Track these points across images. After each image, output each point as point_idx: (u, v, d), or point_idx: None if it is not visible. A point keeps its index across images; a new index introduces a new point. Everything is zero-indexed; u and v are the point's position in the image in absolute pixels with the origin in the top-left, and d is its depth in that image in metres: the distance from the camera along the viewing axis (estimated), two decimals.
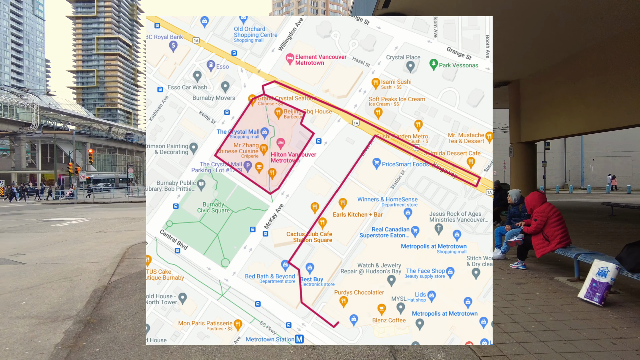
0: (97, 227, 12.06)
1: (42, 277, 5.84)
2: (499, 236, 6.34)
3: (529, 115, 12.99)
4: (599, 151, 33.32)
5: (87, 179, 48.59)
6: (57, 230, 11.47)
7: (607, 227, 9.72)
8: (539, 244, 5.18)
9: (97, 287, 5.13)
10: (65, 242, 9.20)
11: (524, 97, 13.25)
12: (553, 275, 5.11)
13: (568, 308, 3.85)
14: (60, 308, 4.42)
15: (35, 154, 62.44)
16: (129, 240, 9.03)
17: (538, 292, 4.38)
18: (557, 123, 11.56)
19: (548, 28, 8.48)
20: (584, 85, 10.09)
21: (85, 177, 33.39)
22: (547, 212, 5.11)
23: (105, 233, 10.68)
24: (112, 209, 20.04)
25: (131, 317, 3.95)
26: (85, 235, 10.22)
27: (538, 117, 12.52)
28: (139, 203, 24.81)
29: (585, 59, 9.99)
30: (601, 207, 14.66)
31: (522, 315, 3.65)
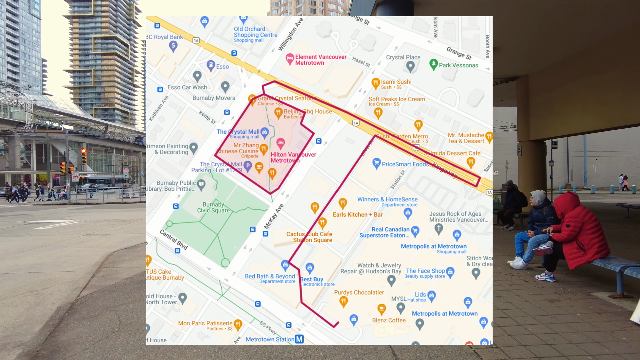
0: (83, 230, 11.61)
1: (5, 289, 5.30)
2: (520, 243, 5.69)
3: (539, 112, 12.40)
4: (602, 151, 33.20)
5: (83, 179, 48.47)
6: (40, 234, 10.98)
7: (629, 231, 9.14)
8: (573, 254, 4.56)
9: (62, 304, 4.50)
10: (45, 247, 8.71)
11: (534, 92, 12.66)
12: (590, 290, 4.48)
13: (623, 336, 3.22)
14: (13, 331, 3.80)
15: (30, 154, 62.25)
16: (114, 245, 8.65)
17: (579, 313, 3.76)
18: (570, 120, 10.97)
19: (562, 18, 7.89)
20: (601, 79, 9.46)
21: (79, 177, 33.02)
22: (581, 217, 4.50)
23: (91, 237, 10.26)
24: (104, 211, 19.61)
25: (91, 347, 3.27)
26: (68, 240, 9.78)
27: (549, 113, 11.90)
28: (132, 204, 24.43)
29: (602, 51, 9.34)
30: (615, 208, 14.03)
31: (570, 347, 3.02)
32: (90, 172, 64.44)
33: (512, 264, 5.61)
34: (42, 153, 63.01)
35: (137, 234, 10.68)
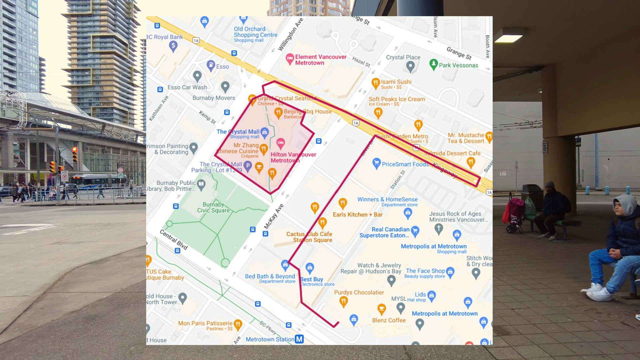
0: (57, 237, 10.53)
1: None
2: (598, 265, 4.44)
3: (569, 105, 11.32)
4: (614, 150, 32.59)
5: (78, 178, 48.54)
6: (4, 241, 9.87)
7: None
8: None
9: None
10: (0, 258, 7.60)
11: (562, 83, 11.57)
12: None
13: None
14: None
15: (24, 153, 62.33)
16: (82, 257, 7.59)
17: None
18: (610, 112, 9.81)
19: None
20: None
21: (68, 176, 32.56)
22: None
23: (60, 245, 9.10)
24: (90, 213, 18.59)
25: None
26: (32, 249, 8.69)
27: (581, 106, 10.79)
28: (124, 205, 23.44)
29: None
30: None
31: None
32: (86, 171, 64.62)
33: (591, 293, 4.35)
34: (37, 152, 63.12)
35: (115, 241, 9.69)
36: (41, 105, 63.74)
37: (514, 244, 7.92)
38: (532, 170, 30.10)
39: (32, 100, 61.22)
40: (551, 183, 8.63)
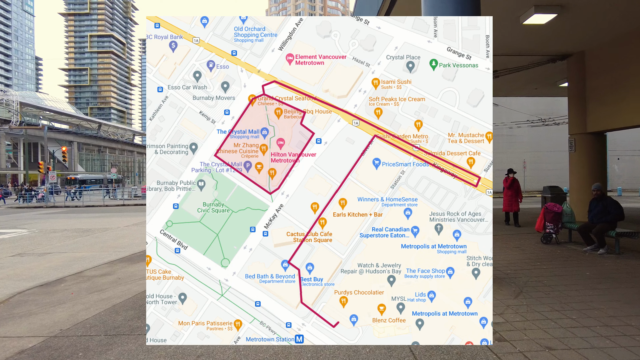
0: (22, 246, 9.40)
1: None
2: None
3: (600, 97, 10.16)
4: (624, 150, 31.78)
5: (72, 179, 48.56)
6: None
7: None
8: None
9: None
10: None
11: (592, 73, 10.38)
12: None
13: None
14: None
15: (17, 153, 62.27)
16: (38, 275, 6.46)
17: None
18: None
19: None
20: None
21: (55, 177, 31.70)
22: None
23: (22, 257, 7.98)
24: (74, 216, 17.37)
25: None
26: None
27: (616, 98, 9.54)
28: (113, 207, 22.15)
29: None
30: None
31: None
32: (81, 171, 64.75)
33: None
34: (31, 152, 63.20)
35: (87, 252, 8.50)
36: (34, 104, 63.86)
37: (559, 259, 6.58)
38: (539, 170, 29.97)
39: (25, 99, 61.29)
40: (599, 186, 7.33)
